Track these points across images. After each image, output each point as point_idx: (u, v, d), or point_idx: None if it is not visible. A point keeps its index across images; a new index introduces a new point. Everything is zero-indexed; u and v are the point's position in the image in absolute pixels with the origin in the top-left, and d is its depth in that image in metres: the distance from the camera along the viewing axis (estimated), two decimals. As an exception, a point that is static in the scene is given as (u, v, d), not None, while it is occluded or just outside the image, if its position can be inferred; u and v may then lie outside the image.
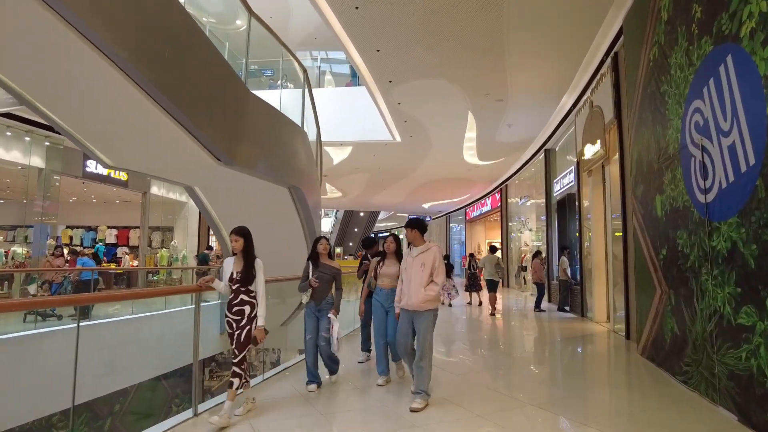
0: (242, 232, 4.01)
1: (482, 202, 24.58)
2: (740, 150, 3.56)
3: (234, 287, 3.91)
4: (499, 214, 22.98)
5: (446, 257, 15.14)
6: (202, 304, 4.36)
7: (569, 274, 11.38)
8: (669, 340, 5.12)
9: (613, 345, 7.31)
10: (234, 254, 4.05)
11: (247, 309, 3.88)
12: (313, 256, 4.85)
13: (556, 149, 13.91)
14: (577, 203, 10.88)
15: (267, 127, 6.37)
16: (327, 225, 42.46)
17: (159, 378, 10.78)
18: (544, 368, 6.08)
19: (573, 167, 11.39)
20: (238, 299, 3.89)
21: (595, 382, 5.46)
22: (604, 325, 9.00)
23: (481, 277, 12.70)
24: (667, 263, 5.11)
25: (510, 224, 20.50)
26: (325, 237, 4.99)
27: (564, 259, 11.51)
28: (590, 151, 9.37)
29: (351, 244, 37.43)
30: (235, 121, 5.58)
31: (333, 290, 4.82)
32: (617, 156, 7.93)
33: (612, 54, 7.94)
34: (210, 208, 7.99)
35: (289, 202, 7.63)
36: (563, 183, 12.33)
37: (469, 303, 13.71)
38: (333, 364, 4.93)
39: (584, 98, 9.84)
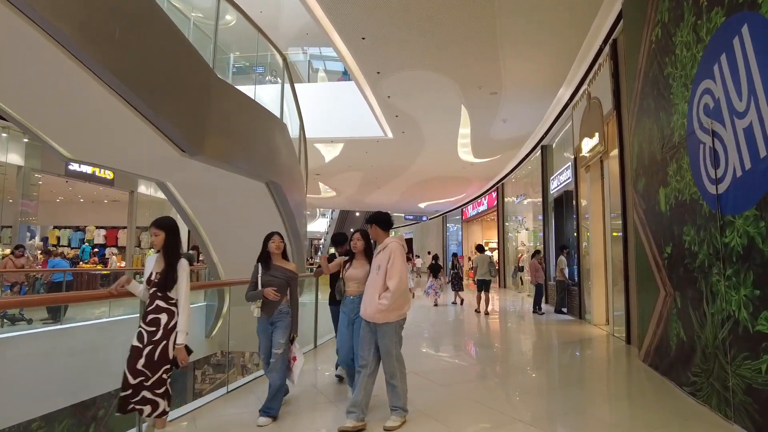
0: (164, 225, 3.30)
1: (479, 201, 24.15)
2: (758, 132, 3.11)
3: (150, 291, 3.20)
4: (495, 213, 22.56)
5: (436, 257, 14.86)
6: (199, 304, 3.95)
7: (567, 275, 10.94)
8: (674, 346, 4.67)
9: (613, 350, 6.85)
10: (157, 251, 3.35)
11: (163, 318, 3.12)
12: (264, 257, 4.05)
13: (553, 145, 13.47)
14: (574, 200, 10.43)
15: (240, 118, 5.92)
16: (323, 225, 42.02)
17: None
18: (537, 377, 5.62)
19: (570, 163, 10.96)
20: (154, 305, 3.15)
21: (594, 394, 5.00)
22: (602, 328, 8.56)
23: (471, 277, 12.49)
24: (672, 262, 4.66)
25: (506, 224, 20.06)
26: (278, 233, 4.17)
27: (562, 258, 11.07)
28: (588, 145, 8.93)
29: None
30: (202, 110, 5.14)
31: (288, 297, 4.01)
32: (617, 149, 7.49)
33: (611, 41, 7.49)
34: (184, 204, 7.54)
35: (268, 199, 7.18)
36: (560, 180, 11.89)
37: (454, 302, 13.72)
38: (273, 403, 3.83)
39: (582, 90, 9.40)
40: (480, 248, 12.56)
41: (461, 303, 13.45)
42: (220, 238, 8.66)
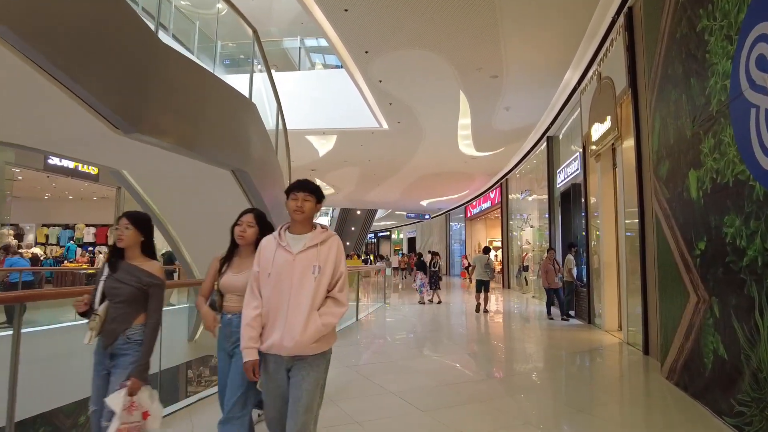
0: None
1: (482, 198, 23.25)
2: None
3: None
4: (499, 210, 21.66)
5: (420, 255, 14.30)
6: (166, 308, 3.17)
7: (575, 275, 10.04)
8: (711, 365, 3.78)
9: (629, 363, 5.95)
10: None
11: None
12: (113, 253, 2.64)
13: (560, 136, 12.57)
14: (583, 194, 9.53)
15: (193, 92, 5.09)
16: (323, 223, 41.16)
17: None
18: (541, 400, 4.72)
19: (578, 154, 10.06)
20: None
21: (608, 421, 4.10)
22: (614, 334, 7.66)
23: (464, 276, 11.73)
24: (708, 261, 3.78)
25: (510, 222, 19.14)
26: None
27: (570, 258, 10.17)
28: (599, 131, 8.03)
29: (348, 243, 36.12)
30: (139, 80, 4.31)
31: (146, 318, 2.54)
32: (632, 133, 6.60)
33: (625, 10, 6.60)
34: (145, 196, 6.72)
35: (237, 191, 6.35)
36: (567, 172, 10.99)
37: (431, 301, 13.42)
38: None
39: (591, 71, 8.50)
40: (486, 249, 12.27)
41: (438, 302, 13.30)
42: (191, 235, 7.84)
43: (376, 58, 8.65)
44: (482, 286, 11.01)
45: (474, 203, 25.18)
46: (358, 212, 34.46)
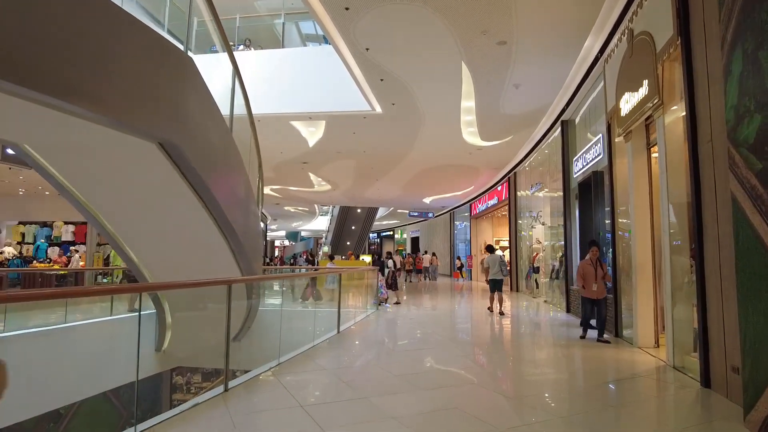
0: None
1: (488, 194, 21.74)
2: None
3: None
4: (507, 207, 20.16)
5: (379, 254, 13.21)
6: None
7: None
8: None
9: (688, 403, 4.41)
10: None
11: None
12: None
13: (576, 120, 11.08)
14: (607, 182, 8.04)
15: (96, 35, 3.68)
16: (323, 223, 39.83)
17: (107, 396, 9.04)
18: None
19: (601, 135, 8.57)
20: None
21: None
22: (651, 353, 6.17)
23: (456, 277, 10.19)
24: None
25: (519, 222, 17.62)
26: None
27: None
28: (631, 102, 6.54)
29: (348, 243, 34.72)
30: (15, 17, 2.93)
31: None
32: (680, 97, 5.13)
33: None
34: (59, 176, 5.31)
35: (171, 171, 4.94)
36: (586, 159, 9.50)
37: (397, 303, 12.93)
38: None
39: (620, 30, 7.02)
40: (490, 248, 12.08)
41: (396, 303, 13.00)
42: (129, 228, 6.45)
43: (360, 18, 7.21)
44: (496, 286, 10.82)
45: (479, 200, 23.69)
46: (359, 210, 33.04)
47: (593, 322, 8.52)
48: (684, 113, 5.09)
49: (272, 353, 9.01)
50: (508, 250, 23.80)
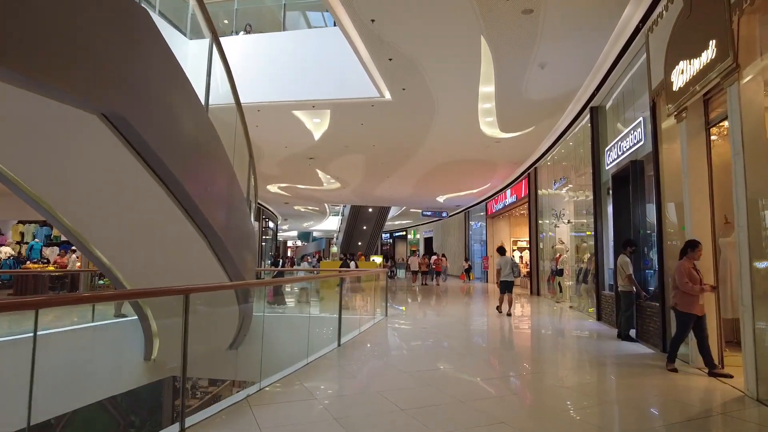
0: None
1: (506, 192, 20.57)
2: None
3: None
4: (526, 206, 19.01)
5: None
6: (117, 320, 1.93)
7: (635, 283, 7.38)
8: None
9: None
10: None
11: None
12: None
13: (607, 107, 9.95)
14: (652, 171, 6.89)
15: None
16: (335, 223, 38.95)
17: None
18: None
19: (642, 119, 7.45)
20: None
21: None
22: (713, 376, 5.05)
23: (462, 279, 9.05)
24: None
25: (540, 222, 16.44)
26: None
27: (625, 260, 7.50)
28: (688, 71, 5.42)
29: (360, 243, 33.74)
30: None
31: None
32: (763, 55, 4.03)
33: None
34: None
35: (127, 154, 3.97)
36: (622, 147, 8.36)
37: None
38: None
39: (673, -11, 5.90)
40: (501, 250, 12.15)
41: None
42: (93, 225, 5.51)
43: (363, -20, 6.20)
44: (506, 288, 10.79)
45: (496, 199, 22.53)
46: (370, 210, 32.02)
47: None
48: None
49: (253, 373, 7.95)
50: (527, 251, 22.66)
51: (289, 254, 63.54)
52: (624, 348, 6.77)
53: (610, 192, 9.43)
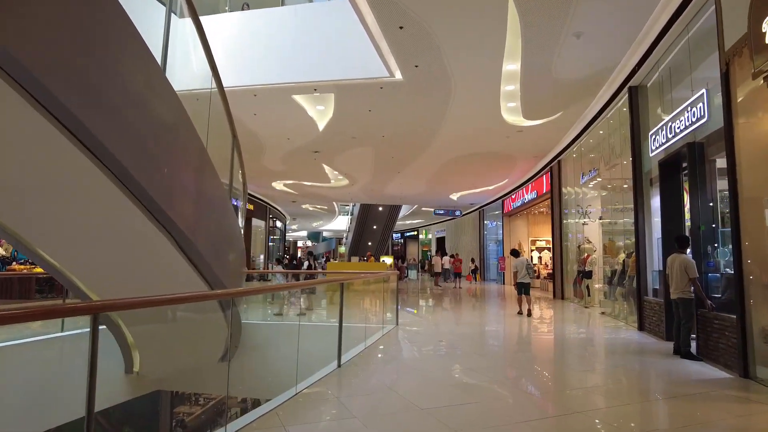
0: None
1: (525, 188, 19.29)
2: None
3: None
4: (548, 202, 17.75)
5: (293, 257, 11.33)
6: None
7: (696, 289, 6.10)
8: None
9: None
10: None
11: None
12: None
13: (648, 86, 8.69)
14: (728, 151, 5.60)
15: None
16: (343, 223, 37.87)
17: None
18: None
19: (704, 91, 6.19)
20: None
21: None
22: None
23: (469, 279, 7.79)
24: None
25: (565, 221, 15.14)
26: None
27: (690, 261, 6.19)
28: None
29: (370, 243, 32.58)
30: None
31: None
32: None
33: None
34: None
35: (52, 130, 2.86)
36: (674, 129, 7.10)
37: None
38: None
39: None
40: (515, 252, 12.41)
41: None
42: (30, 221, 4.39)
43: None
44: (523, 289, 10.95)
45: (514, 196, 21.23)
46: (380, 209, 30.85)
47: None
48: None
49: (246, 388, 6.86)
50: (547, 250, 21.36)
51: (299, 255, 62.62)
52: (689, 370, 5.52)
53: (653, 182, 8.19)
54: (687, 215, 7.08)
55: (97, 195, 3.88)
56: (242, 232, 9.04)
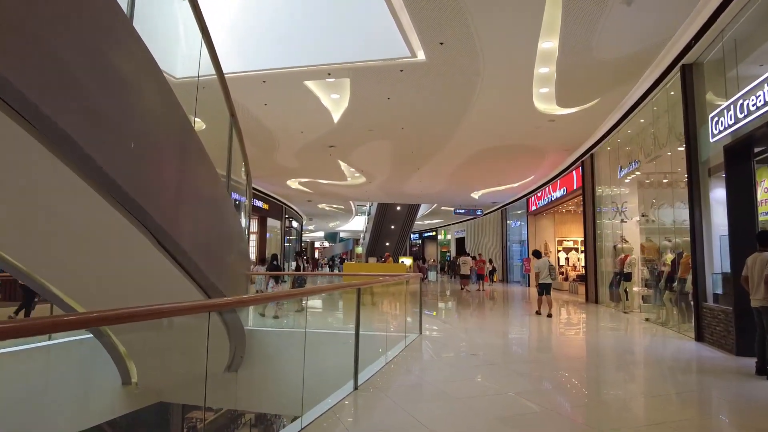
0: None
1: (552, 185, 18.20)
2: None
3: None
4: (576, 200, 16.71)
5: (274, 257, 12.49)
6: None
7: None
8: None
9: None
10: None
11: None
12: None
13: (705, 63, 7.64)
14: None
15: None
16: (360, 224, 37.06)
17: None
18: None
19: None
20: None
21: None
22: None
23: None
24: None
25: (599, 221, 14.04)
26: None
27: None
28: None
29: (387, 243, 31.69)
30: None
31: None
32: None
33: None
34: None
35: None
36: (747, 108, 6.05)
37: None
38: None
39: None
40: (537, 253, 12.54)
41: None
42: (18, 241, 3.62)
43: None
44: (544, 290, 11.02)
45: (539, 194, 20.14)
46: (398, 208, 29.94)
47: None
48: None
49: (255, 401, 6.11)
50: (575, 251, 20.22)
51: (316, 255, 61.81)
52: (760, 386, 4.51)
53: (712, 172, 7.15)
54: (762, 208, 6.05)
55: (60, 188, 3.05)
56: (247, 232, 8.22)
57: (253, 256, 22.95)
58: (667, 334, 8.33)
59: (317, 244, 66.62)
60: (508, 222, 26.28)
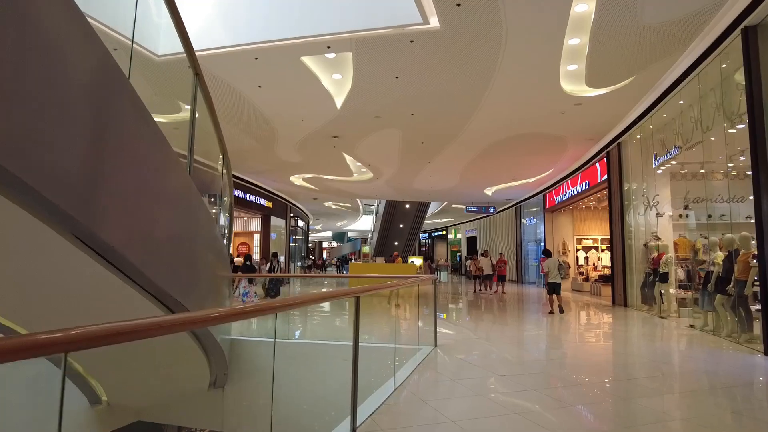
0: None
1: (573, 178, 16.96)
2: None
3: None
4: (598, 195, 15.50)
5: (248, 257, 12.75)
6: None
7: None
8: None
9: None
10: None
11: None
12: None
13: (771, 25, 6.44)
14: None
15: None
16: (368, 223, 35.97)
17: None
18: None
19: None
20: None
21: None
22: None
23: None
24: None
25: (628, 219, 12.81)
26: None
27: None
28: None
29: (396, 243, 30.56)
30: None
31: None
32: None
33: None
34: None
35: None
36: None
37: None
38: None
39: None
40: (547, 252, 12.84)
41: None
42: None
43: None
44: (554, 289, 11.08)
45: (557, 189, 18.91)
46: (407, 206, 28.79)
47: None
48: None
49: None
50: (595, 249, 18.98)
51: (324, 255, 60.82)
52: None
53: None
54: None
55: None
56: (225, 230, 7.14)
57: (257, 256, 21.93)
58: (723, 345, 7.12)
59: (325, 244, 65.67)
60: (522, 220, 25.04)
